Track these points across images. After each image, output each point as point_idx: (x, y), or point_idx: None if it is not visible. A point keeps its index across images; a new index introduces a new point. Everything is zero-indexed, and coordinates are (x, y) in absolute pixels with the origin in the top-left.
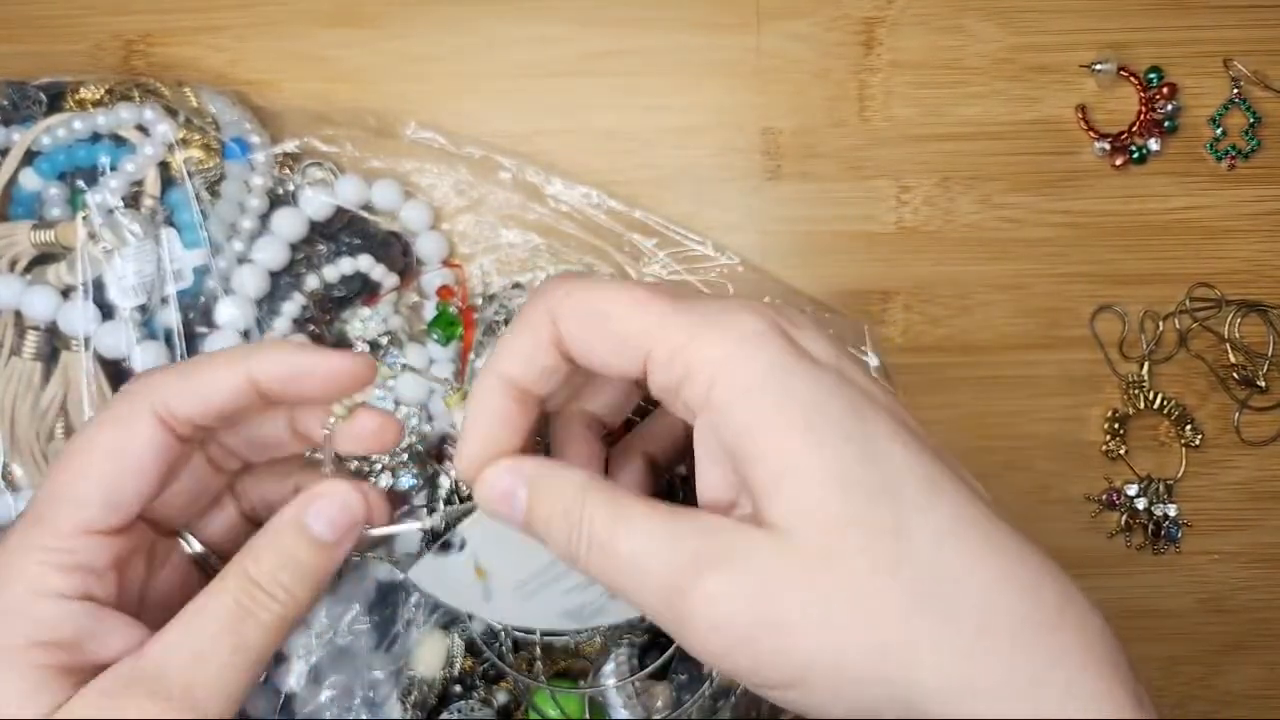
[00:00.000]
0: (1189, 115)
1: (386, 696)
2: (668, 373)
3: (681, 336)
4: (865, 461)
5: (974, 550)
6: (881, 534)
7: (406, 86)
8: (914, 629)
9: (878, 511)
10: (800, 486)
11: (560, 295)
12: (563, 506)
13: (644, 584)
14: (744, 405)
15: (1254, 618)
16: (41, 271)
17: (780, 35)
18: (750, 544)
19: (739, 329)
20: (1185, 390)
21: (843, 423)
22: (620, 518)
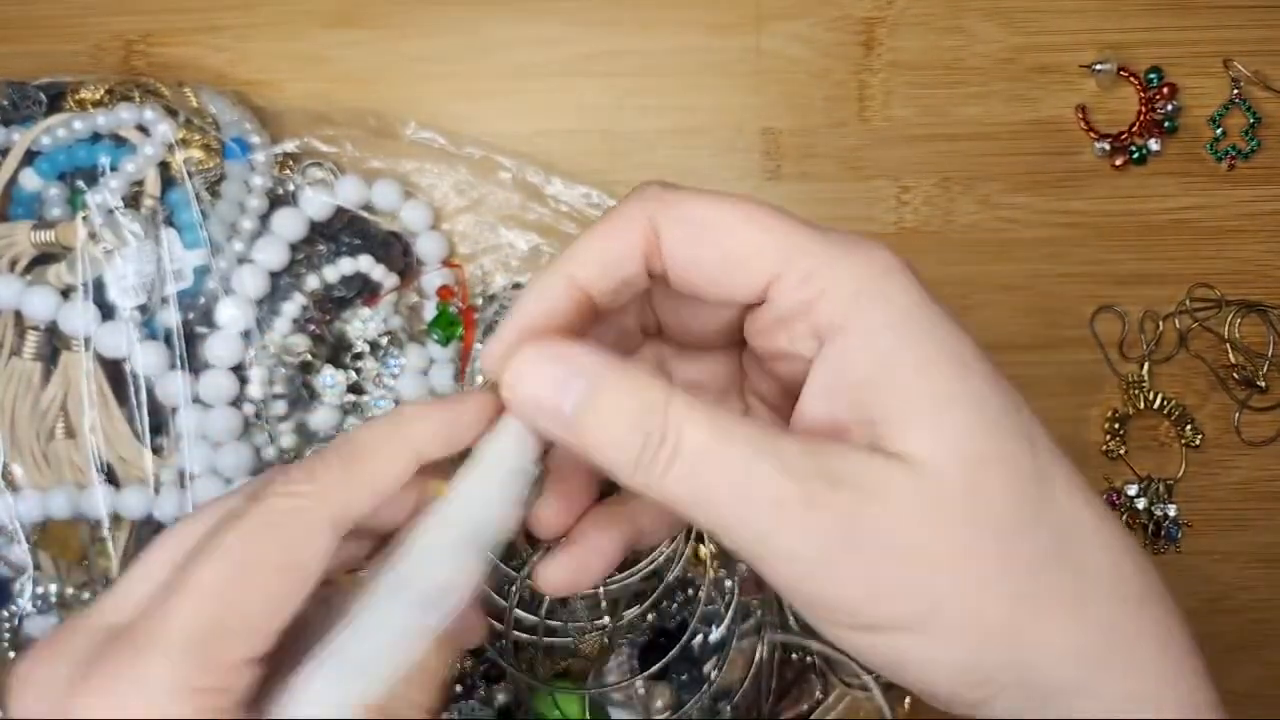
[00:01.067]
0: (1189, 115)
1: None
2: (798, 294)
3: (817, 258)
4: (1007, 406)
5: (1096, 513)
6: (1025, 477)
7: (406, 86)
8: (1045, 581)
9: (1022, 454)
10: (948, 419)
11: (667, 200)
12: (636, 411)
13: (752, 499)
14: (893, 333)
15: (1254, 618)
16: (41, 272)
17: (780, 36)
18: (880, 470)
19: (882, 261)
20: (1185, 390)
21: (984, 369)
22: (719, 425)
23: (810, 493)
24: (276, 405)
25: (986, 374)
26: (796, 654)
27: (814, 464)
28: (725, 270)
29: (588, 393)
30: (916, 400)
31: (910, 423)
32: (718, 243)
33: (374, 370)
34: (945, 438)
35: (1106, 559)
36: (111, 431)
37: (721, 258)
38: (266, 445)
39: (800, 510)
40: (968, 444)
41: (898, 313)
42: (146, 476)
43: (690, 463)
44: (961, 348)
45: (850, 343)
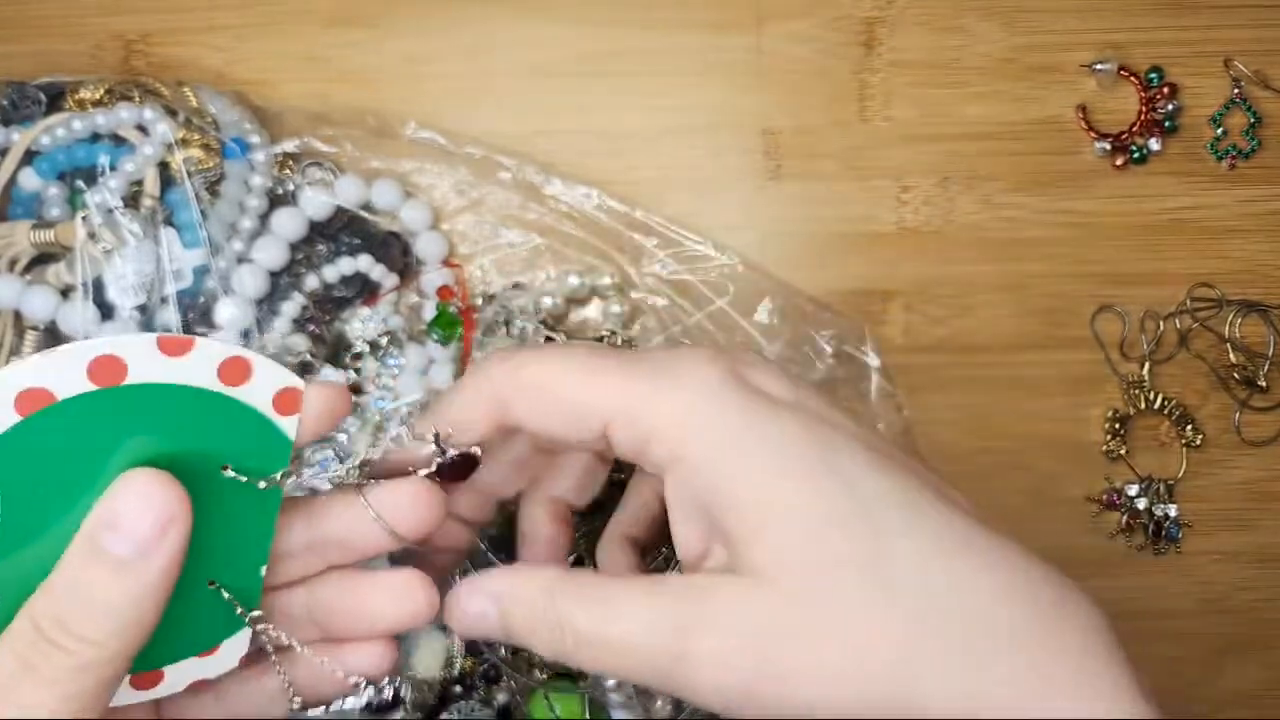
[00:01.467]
0: (1190, 115)
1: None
2: (631, 435)
3: (639, 399)
4: (841, 496)
5: (962, 567)
6: (866, 566)
7: (406, 86)
8: (912, 652)
9: (859, 544)
10: (779, 531)
11: (505, 374)
12: (538, 612)
13: (640, 663)
14: (713, 458)
15: (1255, 618)
16: (41, 271)
17: (780, 35)
18: (733, 597)
19: (695, 381)
20: (1186, 390)
21: (813, 460)
22: (597, 606)
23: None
24: None
25: (815, 464)
26: None
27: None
28: (565, 424)
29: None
30: (750, 518)
31: (748, 541)
32: (556, 402)
33: (374, 370)
34: (781, 550)
35: (977, 613)
36: None
37: (559, 414)
38: None
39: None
40: (801, 553)
41: (719, 430)
42: None
43: (585, 645)
44: (786, 445)
45: (684, 475)
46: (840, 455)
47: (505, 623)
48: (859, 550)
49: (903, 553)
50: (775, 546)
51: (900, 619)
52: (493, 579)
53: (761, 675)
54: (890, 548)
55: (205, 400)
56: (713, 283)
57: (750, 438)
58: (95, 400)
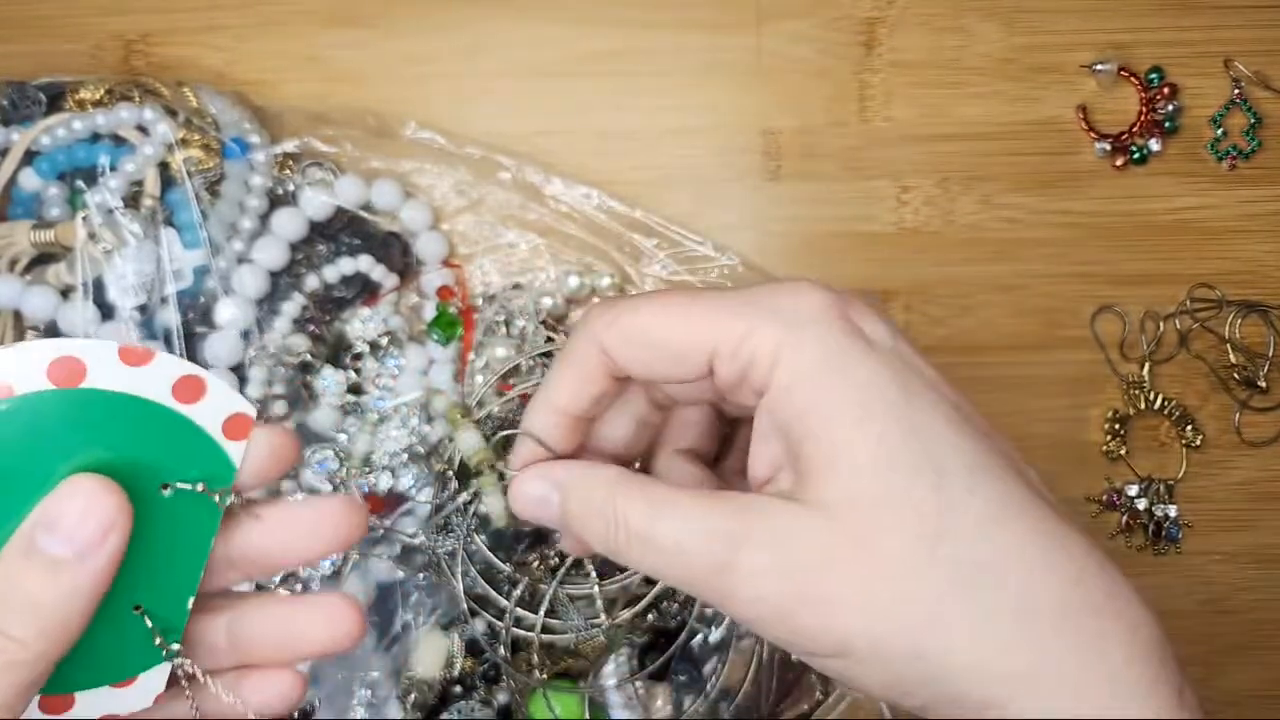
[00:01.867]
0: (1190, 116)
1: (386, 697)
2: (733, 365)
3: (740, 328)
4: (913, 443)
5: (1018, 535)
6: (925, 514)
7: (406, 86)
8: (949, 610)
9: (922, 492)
10: (848, 466)
11: (604, 325)
12: (596, 504)
13: (688, 566)
14: (801, 387)
15: (1255, 618)
16: (41, 271)
17: (781, 35)
18: (791, 521)
19: (797, 312)
20: (1186, 391)
21: (894, 404)
22: (655, 505)
23: (728, 559)
24: (276, 405)
25: (895, 410)
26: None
27: (738, 524)
28: (671, 364)
29: (560, 501)
30: (824, 449)
31: (818, 472)
32: (656, 344)
33: (373, 370)
34: (847, 485)
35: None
36: None
37: (663, 356)
38: None
39: (722, 574)
40: (865, 490)
41: (811, 361)
42: None
43: (637, 541)
44: (871, 386)
45: (773, 398)
46: (922, 408)
47: (564, 509)
48: (920, 498)
49: (963, 508)
50: (843, 483)
51: (945, 572)
52: (558, 466)
53: (802, 598)
54: (952, 501)
55: (155, 414)
56: (713, 283)
57: (840, 374)
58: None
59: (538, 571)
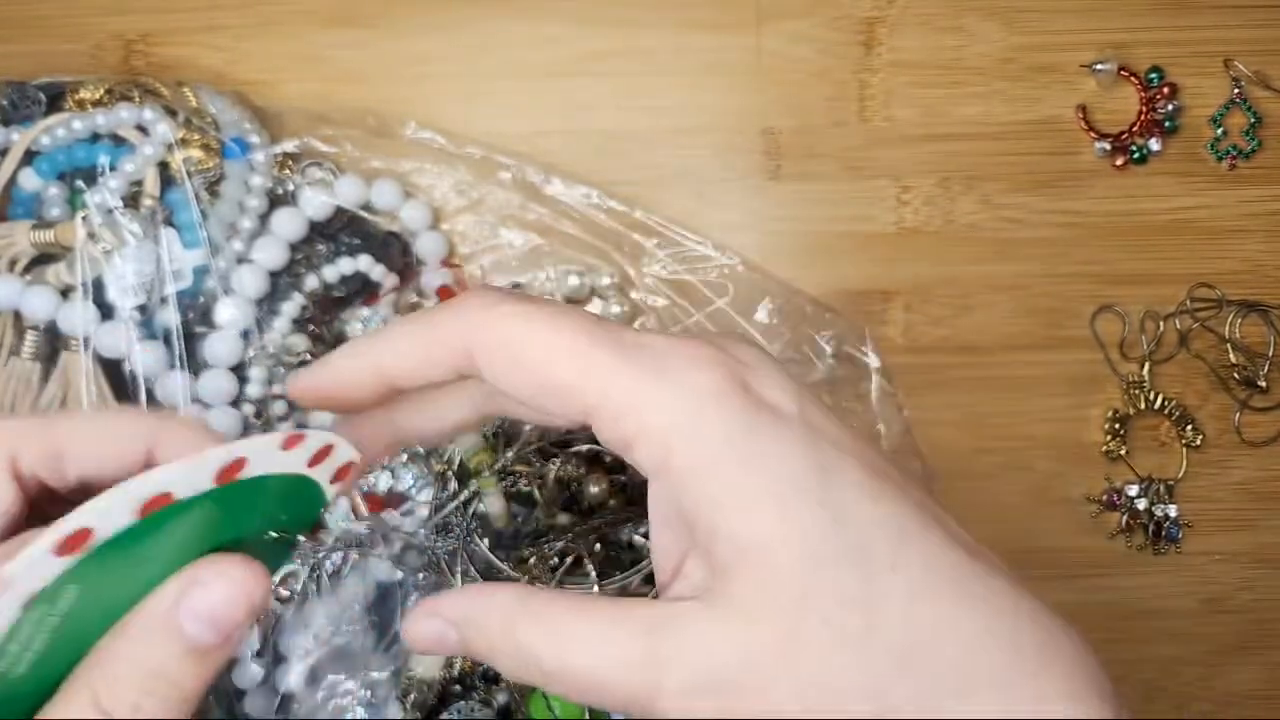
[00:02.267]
0: (1190, 115)
1: (386, 697)
2: (615, 430)
3: (629, 394)
4: (833, 528)
5: (948, 605)
6: (850, 605)
7: (406, 86)
8: (893, 698)
9: (846, 582)
10: (769, 567)
11: (480, 320)
12: (496, 640)
13: (611, 696)
14: (703, 476)
15: (1255, 618)
16: (41, 271)
17: (780, 35)
18: (711, 630)
19: (694, 386)
20: (1186, 390)
21: (809, 488)
22: (561, 640)
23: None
24: (276, 405)
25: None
26: None
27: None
28: (540, 397)
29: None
30: (736, 547)
31: (731, 571)
32: (533, 370)
33: None
34: (765, 586)
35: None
36: None
37: (534, 385)
38: None
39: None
40: (785, 589)
41: (713, 447)
42: None
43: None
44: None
45: (670, 485)
46: (837, 481)
47: (467, 648)
48: (844, 588)
49: (889, 590)
50: (759, 581)
51: (882, 663)
52: (449, 602)
53: (739, 711)
54: (878, 584)
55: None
56: (713, 283)
57: (745, 458)
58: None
59: (537, 571)
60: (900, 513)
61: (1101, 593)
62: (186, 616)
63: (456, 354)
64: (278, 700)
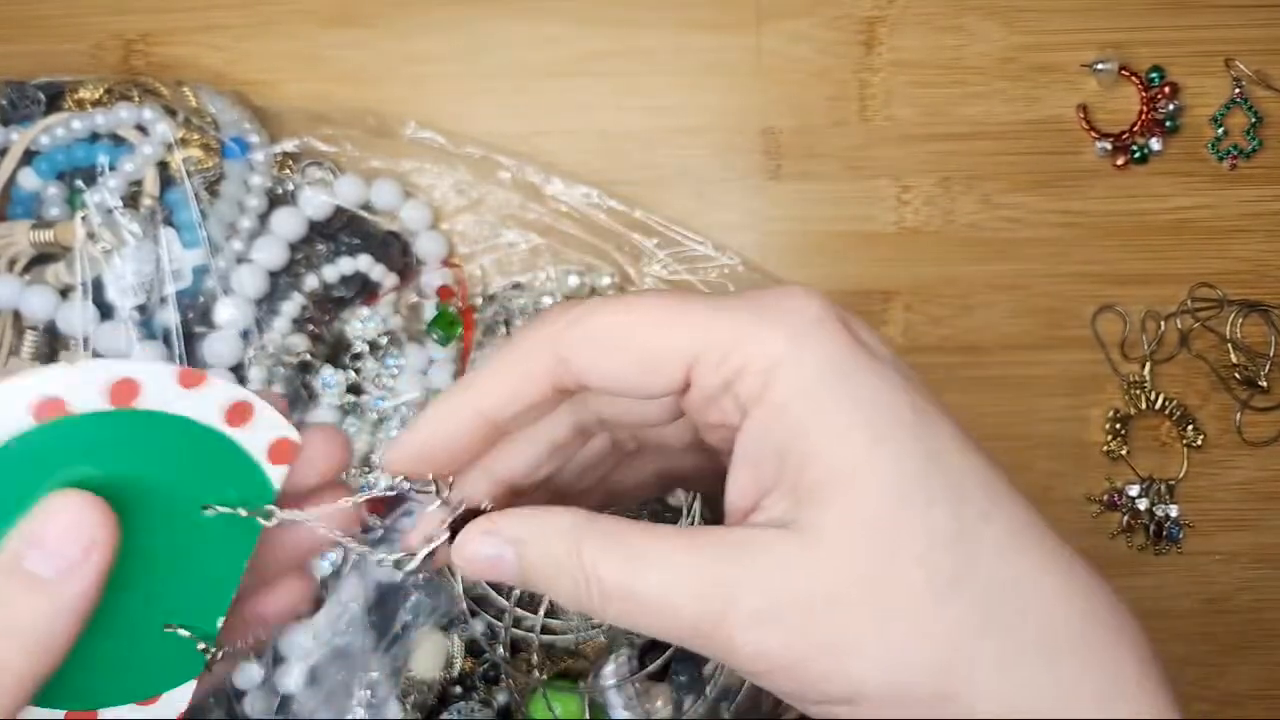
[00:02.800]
0: (1190, 115)
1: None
2: (717, 375)
3: (731, 333)
4: (929, 464)
5: (1035, 563)
6: (943, 544)
7: (406, 86)
8: (976, 647)
9: (940, 519)
10: (861, 491)
11: (566, 324)
12: (559, 558)
13: (676, 621)
14: (803, 402)
15: (1256, 618)
16: (40, 271)
17: (781, 35)
18: (792, 555)
19: (797, 318)
20: (1187, 390)
21: (906, 423)
22: (629, 557)
23: (723, 610)
24: None
25: (909, 429)
26: None
27: (729, 568)
28: (641, 373)
29: (518, 560)
30: (831, 472)
31: (823, 497)
32: (626, 350)
33: (373, 370)
34: (857, 512)
35: (1042, 612)
36: None
37: (634, 362)
38: None
39: (717, 626)
40: (878, 518)
41: (809, 379)
42: None
43: (616, 600)
44: (881, 403)
45: (767, 414)
46: (932, 425)
47: (524, 569)
48: (939, 525)
49: (981, 536)
50: (854, 510)
51: (970, 607)
52: (510, 521)
53: (811, 645)
54: (970, 528)
55: (204, 436)
56: (713, 283)
57: (844, 387)
58: (104, 419)
59: None
60: (988, 469)
61: None
62: (21, 546)
63: (549, 365)
64: (277, 701)
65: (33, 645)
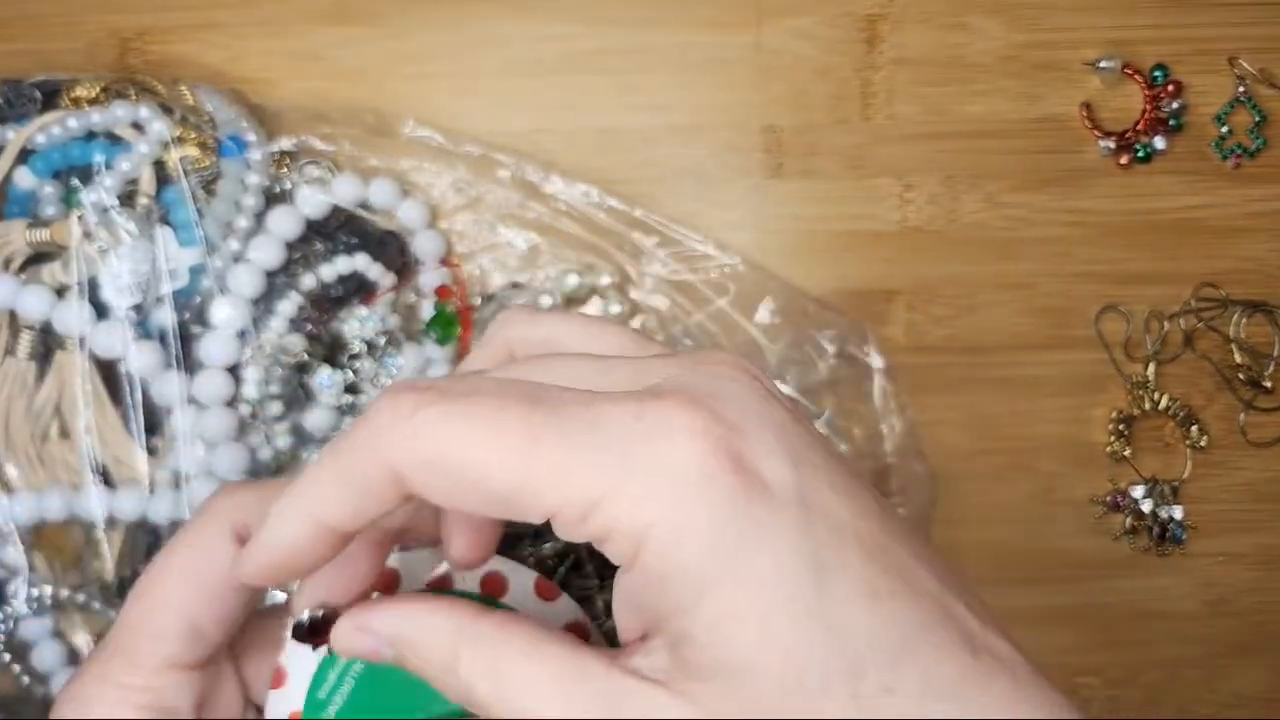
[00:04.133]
0: (1194, 113)
1: None
2: (582, 532)
3: (593, 489)
4: (822, 645)
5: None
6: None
7: (404, 85)
8: None
9: (832, 707)
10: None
11: (400, 439)
12: (436, 670)
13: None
14: (683, 580)
15: (1260, 620)
16: (36, 271)
17: (782, 32)
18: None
19: (673, 469)
20: (1191, 391)
21: (799, 596)
22: (504, 680)
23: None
24: (272, 406)
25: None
26: None
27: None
28: (491, 507)
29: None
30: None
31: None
32: (472, 486)
33: (371, 370)
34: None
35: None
36: (106, 432)
37: (483, 502)
38: (262, 446)
39: None
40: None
41: (690, 554)
42: (141, 478)
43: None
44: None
45: (641, 581)
46: (833, 580)
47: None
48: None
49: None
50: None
51: None
52: (385, 618)
53: None
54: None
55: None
56: (713, 282)
57: (733, 564)
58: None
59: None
60: (901, 611)
61: (1105, 595)
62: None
63: (388, 484)
64: None
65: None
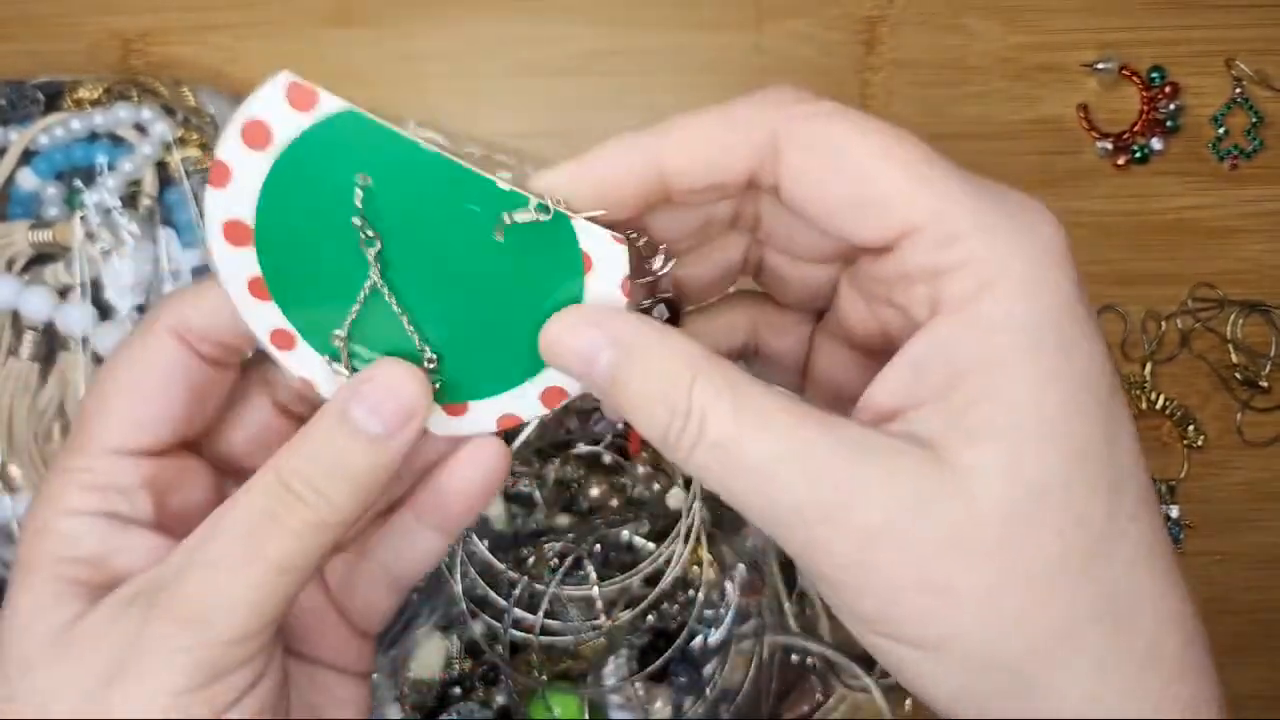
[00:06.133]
0: (1191, 115)
1: (385, 697)
2: (934, 255)
3: (968, 221)
4: (1105, 450)
5: (1160, 577)
6: (1088, 530)
7: (406, 85)
8: (1084, 638)
9: (1092, 507)
10: (1032, 453)
11: (799, 116)
12: (665, 386)
13: (773, 501)
14: (1013, 336)
15: (1258, 619)
16: (39, 271)
17: (781, 34)
18: (931, 486)
19: (1040, 241)
20: (1187, 391)
21: (1099, 403)
22: (747, 410)
23: (830, 511)
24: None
25: (1098, 410)
26: (797, 656)
27: (856, 472)
28: (855, 210)
29: (613, 365)
30: (1004, 419)
31: (983, 437)
32: (852, 179)
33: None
34: (1012, 469)
35: (1154, 631)
36: None
37: (853, 196)
38: None
39: (818, 526)
40: (1033, 483)
41: (1031, 316)
42: None
43: (713, 452)
44: (1085, 375)
45: (964, 326)
46: (1119, 413)
47: (616, 377)
48: (1088, 515)
49: (1125, 535)
50: (1013, 467)
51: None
52: (622, 323)
53: (917, 578)
54: (1117, 525)
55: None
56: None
57: (1061, 343)
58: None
59: (536, 572)
60: (1146, 477)
61: None
62: (352, 404)
63: (757, 149)
64: None
65: (359, 491)
